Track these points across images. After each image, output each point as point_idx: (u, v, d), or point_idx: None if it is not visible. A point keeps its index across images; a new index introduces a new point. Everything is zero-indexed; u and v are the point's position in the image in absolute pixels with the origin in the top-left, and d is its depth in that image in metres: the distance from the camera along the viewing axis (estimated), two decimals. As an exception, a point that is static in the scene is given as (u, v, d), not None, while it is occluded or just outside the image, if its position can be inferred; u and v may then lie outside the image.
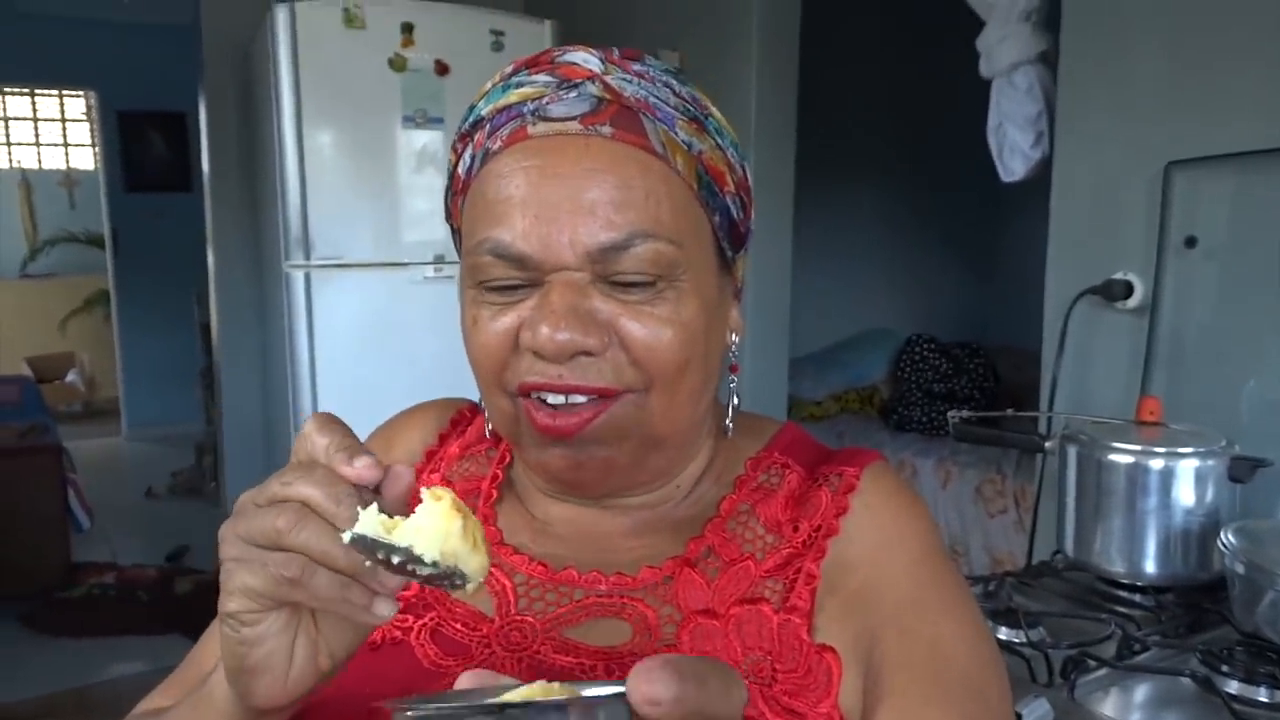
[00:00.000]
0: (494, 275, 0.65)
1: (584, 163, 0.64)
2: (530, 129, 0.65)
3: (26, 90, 7.67)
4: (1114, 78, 1.78)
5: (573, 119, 0.64)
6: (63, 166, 7.97)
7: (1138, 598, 1.39)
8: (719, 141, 0.69)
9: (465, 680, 0.44)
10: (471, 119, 0.69)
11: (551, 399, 0.65)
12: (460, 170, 0.70)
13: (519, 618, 0.69)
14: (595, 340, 0.63)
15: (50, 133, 7.96)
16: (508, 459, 0.79)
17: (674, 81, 0.68)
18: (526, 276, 0.64)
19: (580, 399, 0.64)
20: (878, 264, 4.49)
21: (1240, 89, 1.60)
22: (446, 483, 0.78)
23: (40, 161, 7.93)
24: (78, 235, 7.67)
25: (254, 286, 3.49)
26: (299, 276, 2.66)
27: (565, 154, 0.64)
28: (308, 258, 2.66)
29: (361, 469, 0.50)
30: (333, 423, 0.52)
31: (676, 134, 0.66)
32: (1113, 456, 1.39)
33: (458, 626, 0.69)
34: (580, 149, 0.64)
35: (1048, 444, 1.53)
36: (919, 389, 4.10)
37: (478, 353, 0.67)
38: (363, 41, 2.64)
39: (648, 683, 0.36)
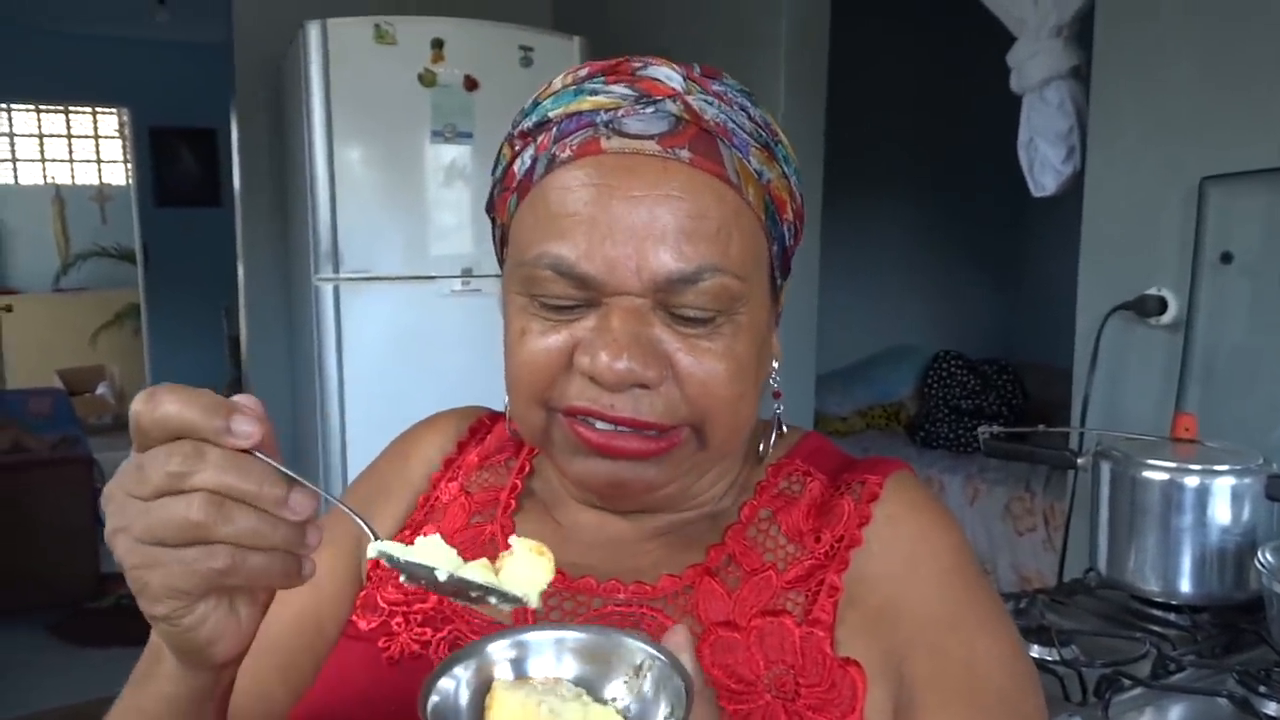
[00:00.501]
0: (550, 291, 0.63)
1: (660, 187, 0.61)
2: (604, 142, 0.63)
3: (61, 107, 7.79)
4: (1147, 92, 1.77)
5: (650, 138, 0.62)
6: (95, 182, 8.08)
7: (1173, 617, 1.37)
8: (785, 169, 0.67)
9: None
10: (536, 117, 0.66)
11: (600, 425, 0.63)
12: (516, 168, 0.67)
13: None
14: (654, 373, 0.62)
15: (84, 149, 8.08)
16: (527, 468, 0.78)
17: (749, 104, 0.66)
18: (585, 296, 0.62)
19: (627, 430, 0.63)
20: (903, 279, 4.47)
21: (1276, 103, 1.58)
22: (465, 493, 0.78)
23: (74, 177, 8.04)
24: (109, 250, 7.77)
25: (283, 300, 3.52)
26: (328, 290, 2.68)
27: (640, 175, 0.62)
28: (336, 271, 2.68)
29: (252, 432, 0.47)
30: (169, 390, 0.47)
31: (750, 162, 0.64)
32: (1147, 474, 1.37)
33: (475, 639, 0.68)
34: (657, 172, 0.62)
35: (1080, 460, 1.52)
36: (946, 406, 4.07)
37: (521, 368, 0.65)
38: (393, 57, 2.67)
39: None
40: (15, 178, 7.81)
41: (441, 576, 0.49)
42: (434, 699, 0.46)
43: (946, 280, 4.53)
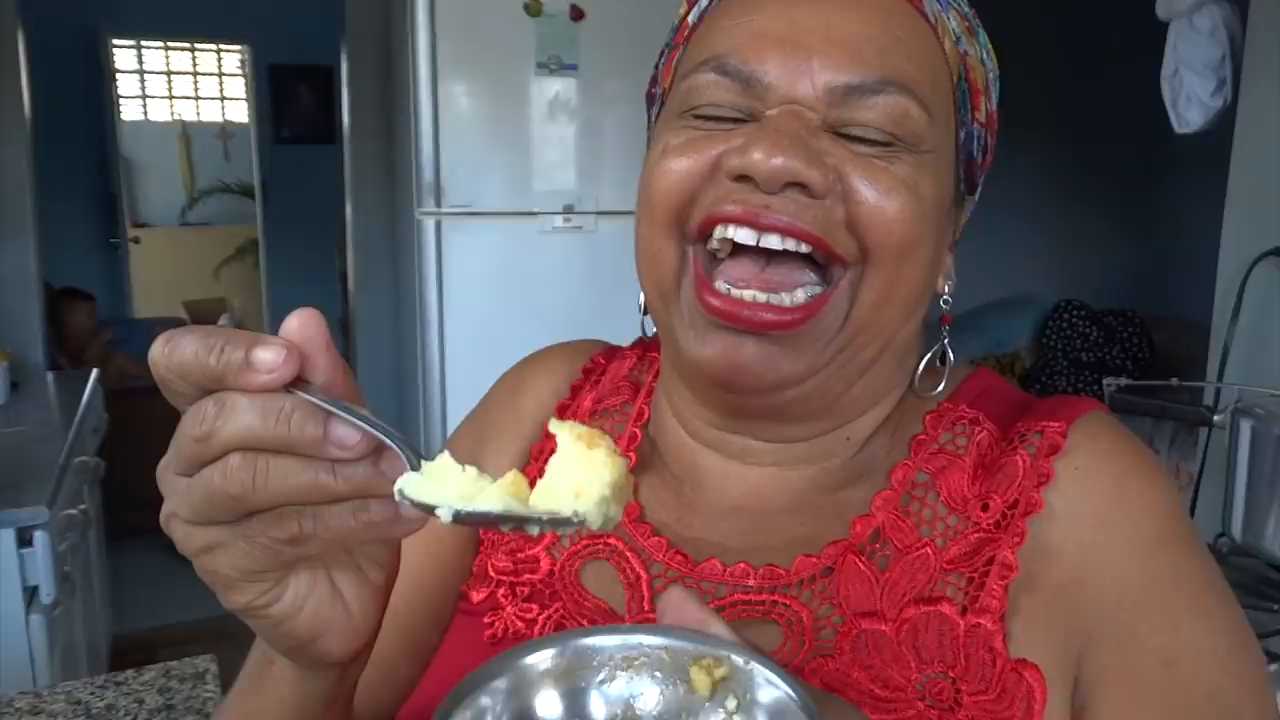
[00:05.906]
0: (709, 98, 0.56)
1: None
2: None
3: (187, 45, 8.01)
4: (1313, 14, 1.61)
5: None
6: (219, 119, 8.32)
7: (1316, 590, 1.27)
8: (984, 56, 0.61)
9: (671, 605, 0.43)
10: None
11: (736, 292, 0.54)
12: (691, 16, 0.62)
13: (653, 617, 0.59)
14: (818, 174, 0.52)
15: (208, 86, 8.31)
16: (645, 415, 0.70)
17: None
18: (747, 105, 0.55)
19: (763, 296, 0.53)
20: (1022, 225, 4.27)
21: None
22: None
23: (199, 114, 8.29)
24: (231, 186, 8.01)
25: (388, 236, 3.56)
26: (430, 224, 2.68)
27: None
28: (439, 205, 2.67)
29: (275, 360, 0.38)
30: (188, 330, 0.39)
31: (949, 20, 0.58)
32: (1294, 434, 1.27)
33: (584, 623, 0.61)
34: None
35: (1217, 417, 1.41)
36: (1065, 358, 3.91)
37: (659, 180, 0.57)
38: (499, -14, 2.62)
39: None
40: (145, 114, 8.09)
41: (445, 517, 0.37)
42: None
43: (1070, 227, 4.31)
